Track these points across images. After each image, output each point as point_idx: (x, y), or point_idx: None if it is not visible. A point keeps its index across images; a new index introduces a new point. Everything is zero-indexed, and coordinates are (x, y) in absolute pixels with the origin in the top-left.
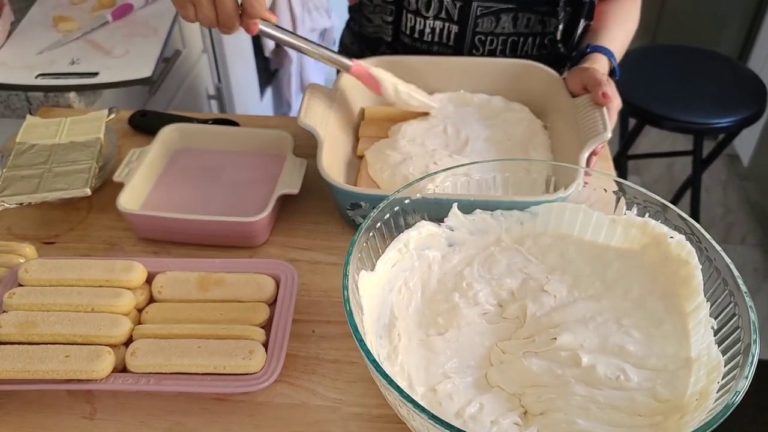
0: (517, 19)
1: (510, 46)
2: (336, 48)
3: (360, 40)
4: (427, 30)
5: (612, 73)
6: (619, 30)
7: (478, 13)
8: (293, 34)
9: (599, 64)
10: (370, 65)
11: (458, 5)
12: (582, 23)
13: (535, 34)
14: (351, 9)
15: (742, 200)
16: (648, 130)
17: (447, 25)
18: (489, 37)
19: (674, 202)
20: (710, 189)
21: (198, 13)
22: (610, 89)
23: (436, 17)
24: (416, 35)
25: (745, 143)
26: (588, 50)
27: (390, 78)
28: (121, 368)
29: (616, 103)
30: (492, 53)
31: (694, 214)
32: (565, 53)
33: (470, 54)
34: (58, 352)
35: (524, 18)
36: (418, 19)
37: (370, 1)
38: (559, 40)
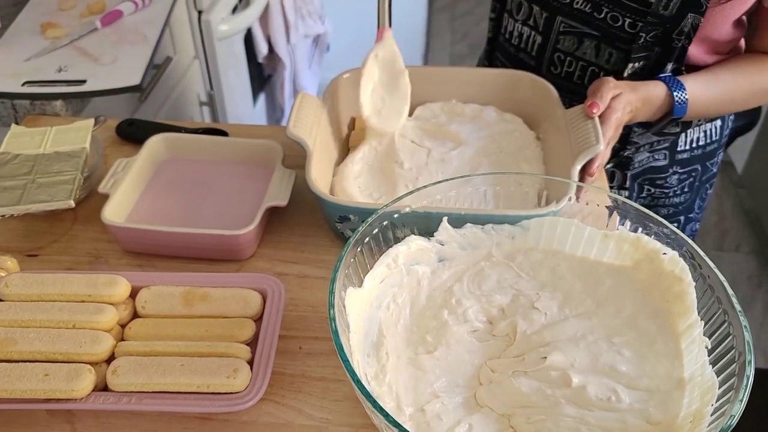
0: (599, 49)
1: (589, 75)
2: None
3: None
4: (516, 33)
5: (671, 110)
6: (726, 77)
7: (561, 29)
8: None
9: (649, 86)
10: (386, 39)
11: (544, 15)
12: (669, 67)
13: (617, 72)
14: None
15: (737, 207)
16: None
17: (533, 33)
18: (568, 58)
19: None
20: None
21: None
22: (613, 104)
23: (524, 22)
24: (507, 36)
25: (740, 150)
26: (658, 77)
27: (377, 57)
28: (103, 386)
29: (613, 118)
30: (569, 76)
31: None
32: None
33: (548, 71)
34: (37, 371)
35: (606, 51)
36: (510, 20)
37: None
38: (625, 78)
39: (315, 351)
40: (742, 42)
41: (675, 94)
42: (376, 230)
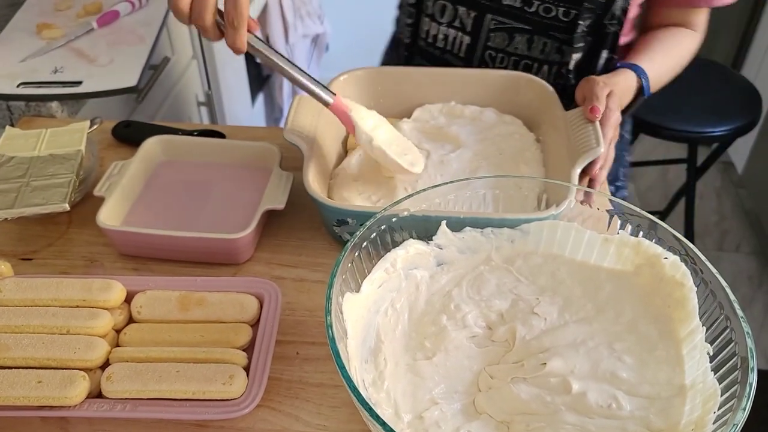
0: (532, 42)
1: (522, 69)
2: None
3: (394, 41)
4: (440, 36)
5: (641, 91)
6: (663, 54)
7: (491, 27)
8: (280, 55)
9: (622, 77)
10: (351, 105)
11: (472, 15)
12: (604, 55)
13: (551, 62)
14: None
15: (737, 208)
16: (642, 137)
17: (459, 34)
18: (500, 54)
19: (669, 210)
20: (705, 196)
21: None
22: (609, 104)
23: (450, 25)
24: (430, 40)
25: (740, 150)
26: (617, 66)
27: (369, 125)
28: (97, 393)
29: (613, 118)
30: None
31: (689, 223)
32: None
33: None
34: (30, 378)
35: (540, 42)
36: (434, 24)
37: (406, 2)
38: (572, 70)
39: (312, 356)
40: None
41: (643, 79)
42: (374, 234)
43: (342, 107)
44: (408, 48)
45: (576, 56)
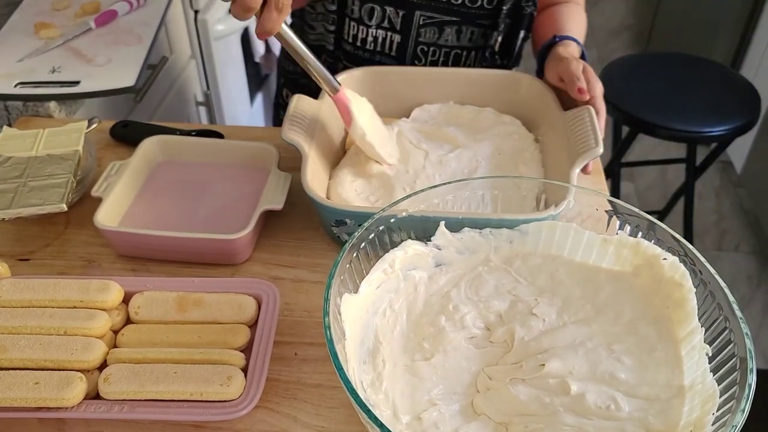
0: (461, 32)
1: (453, 59)
2: (278, 53)
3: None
4: (370, 38)
5: (581, 58)
6: (575, 26)
7: (421, 23)
8: (298, 39)
9: (571, 48)
10: (352, 97)
11: (401, 14)
12: (522, 34)
13: (477, 47)
14: (292, 15)
15: (736, 207)
16: (641, 137)
17: (389, 34)
18: (431, 48)
19: (668, 209)
20: (703, 196)
21: None
22: (589, 77)
23: (378, 26)
24: (359, 43)
25: (739, 150)
26: (556, 39)
27: (364, 120)
28: (94, 394)
29: (598, 89)
30: (434, 65)
31: (688, 222)
32: (506, 64)
33: (412, 64)
34: (27, 379)
35: (468, 31)
36: (361, 28)
37: (312, 8)
38: (497, 51)
39: (310, 357)
40: None
41: (582, 48)
42: (373, 235)
43: (344, 99)
44: (331, 54)
45: (500, 39)
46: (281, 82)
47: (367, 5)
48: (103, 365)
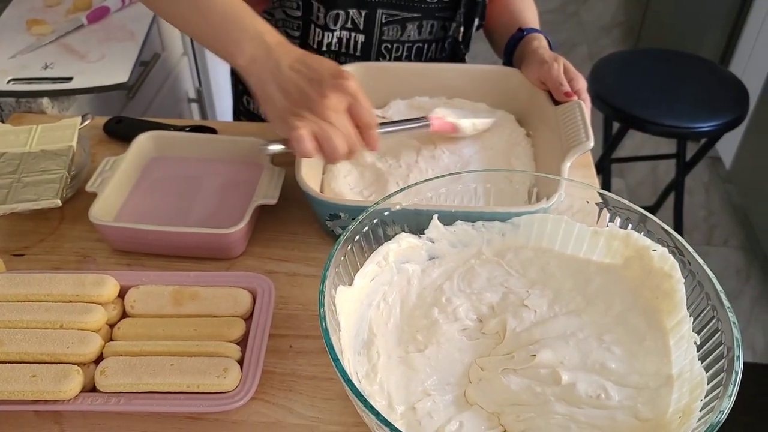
0: (422, 27)
1: (415, 53)
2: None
3: None
4: (334, 41)
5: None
6: (531, 14)
7: (384, 21)
8: (383, 123)
9: (543, 44)
10: (441, 112)
11: (364, 14)
12: (476, 22)
13: (438, 39)
14: None
15: (725, 202)
16: (632, 133)
17: (353, 35)
18: (395, 45)
19: (658, 205)
20: (693, 191)
21: (329, 149)
22: (571, 75)
23: (342, 27)
24: (324, 48)
25: (728, 146)
26: (525, 33)
27: (463, 119)
28: (91, 387)
29: (581, 82)
30: (398, 60)
31: (678, 218)
32: (465, 52)
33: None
34: (24, 372)
35: (428, 25)
36: (326, 33)
37: (271, 15)
38: (461, 41)
39: (305, 349)
40: None
41: (547, 37)
42: (367, 228)
43: (441, 122)
44: None
45: (462, 29)
46: (240, 89)
47: (333, 12)
48: (99, 358)
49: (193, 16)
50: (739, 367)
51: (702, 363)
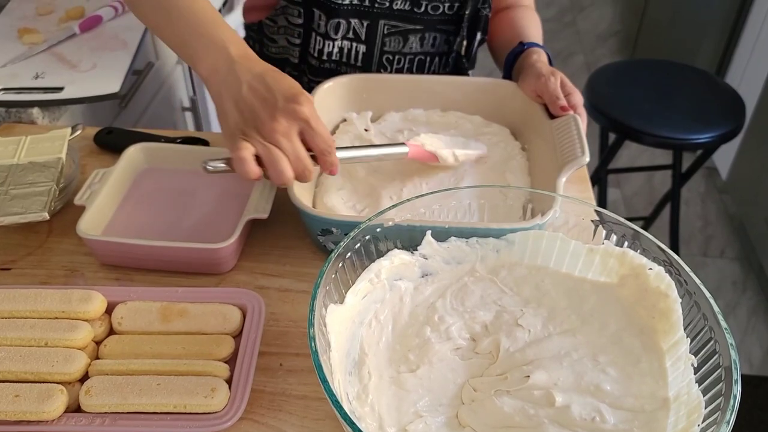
0: (424, 39)
1: (417, 65)
2: None
3: (263, 59)
4: (335, 50)
5: (548, 60)
6: (534, 29)
7: (386, 32)
8: (356, 147)
9: (541, 58)
10: (421, 140)
11: (365, 24)
12: (479, 37)
13: (441, 53)
14: (248, 27)
15: (721, 213)
16: (627, 144)
17: (354, 45)
18: (397, 56)
19: (654, 215)
20: (689, 201)
21: (274, 174)
22: (568, 90)
23: (344, 37)
24: (324, 57)
25: (724, 156)
26: (525, 47)
27: (442, 146)
28: (75, 407)
29: (578, 97)
30: (399, 72)
31: (674, 228)
32: (468, 67)
33: (378, 73)
34: (7, 392)
35: (431, 37)
36: (327, 42)
37: (273, 22)
38: (464, 55)
39: (296, 368)
40: None
41: (547, 52)
42: (359, 244)
43: (419, 149)
44: (296, 68)
45: (465, 43)
46: None
47: (334, 20)
48: (84, 377)
49: (162, 21)
50: (737, 390)
51: (699, 386)
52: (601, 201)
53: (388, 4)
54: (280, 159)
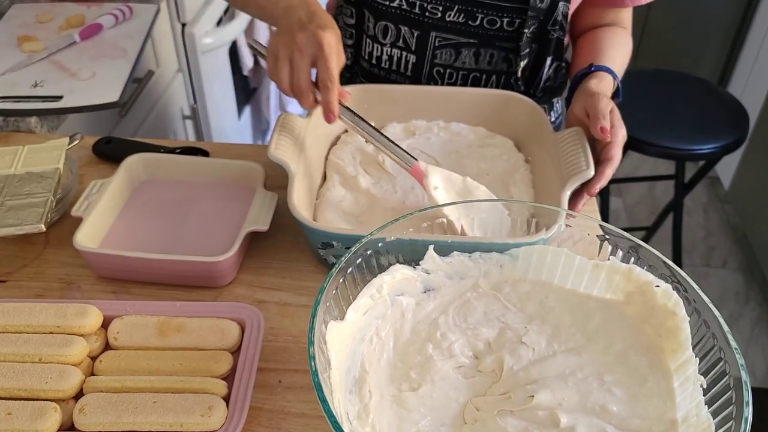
0: (479, 55)
1: (471, 82)
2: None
3: None
4: (385, 57)
5: (616, 93)
6: (617, 53)
7: (437, 44)
8: (370, 126)
9: (605, 83)
10: (428, 171)
11: (416, 34)
12: (549, 61)
13: (499, 72)
14: None
15: (723, 223)
16: (629, 153)
17: (404, 54)
18: (448, 70)
19: (656, 225)
20: (691, 211)
21: (275, 76)
22: (614, 121)
23: (393, 45)
24: (374, 61)
25: (726, 166)
26: (592, 69)
27: (440, 196)
28: (69, 426)
29: (620, 136)
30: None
31: (677, 238)
32: (531, 92)
33: (428, 85)
34: None
35: (487, 54)
36: (376, 46)
37: (335, 20)
38: (520, 77)
39: (295, 385)
40: None
41: (618, 82)
42: (360, 259)
43: (420, 173)
44: (349, 69)
45: (523, 64)
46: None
47: (381, 23)
48: (79, 394)
49: None
50: (748, 413)
51: (709, 408)
52: (604, 210)
53: (440, 14)
54: (283, 66)
